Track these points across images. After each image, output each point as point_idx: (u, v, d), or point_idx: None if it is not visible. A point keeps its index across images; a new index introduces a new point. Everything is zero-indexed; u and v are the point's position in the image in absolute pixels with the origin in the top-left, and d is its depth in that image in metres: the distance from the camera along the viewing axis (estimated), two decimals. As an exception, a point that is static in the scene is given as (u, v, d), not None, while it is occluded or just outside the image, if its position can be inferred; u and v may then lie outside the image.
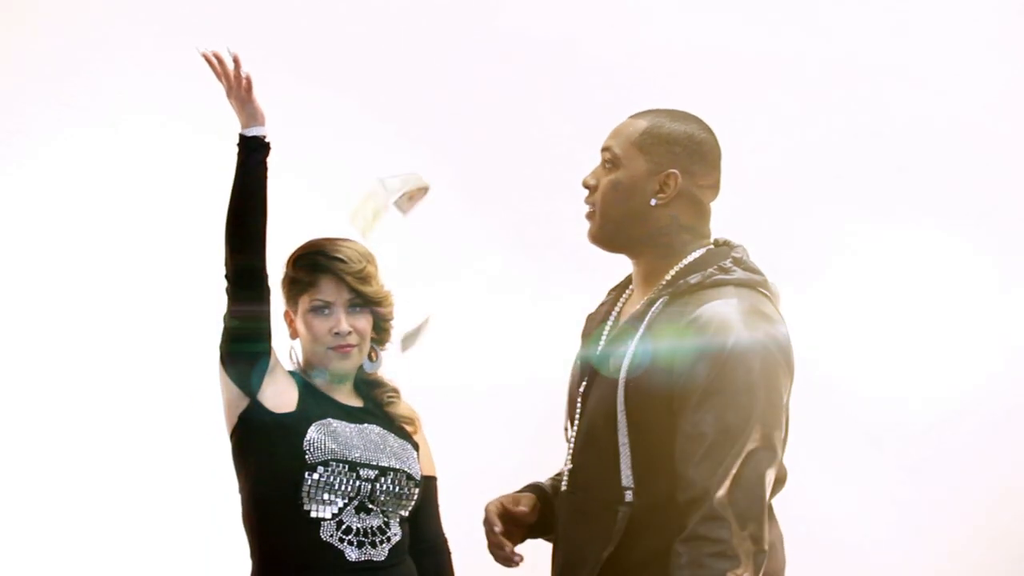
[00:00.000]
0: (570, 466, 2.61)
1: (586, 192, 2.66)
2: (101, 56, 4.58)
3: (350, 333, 2.83)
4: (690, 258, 2.59)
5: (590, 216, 2.65)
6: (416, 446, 2.91)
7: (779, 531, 2.58)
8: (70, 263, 4.52)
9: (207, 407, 2.99)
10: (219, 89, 4.56)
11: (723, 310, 2.46)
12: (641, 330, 2.53)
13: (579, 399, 2.63)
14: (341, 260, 2.84)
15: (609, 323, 2.68)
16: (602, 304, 2.78)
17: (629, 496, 2.49)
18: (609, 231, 2.63)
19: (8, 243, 4.53)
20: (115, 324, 4.49)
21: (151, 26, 4.60)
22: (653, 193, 2.59)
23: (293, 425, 2.74)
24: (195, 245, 4.49)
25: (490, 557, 2.77)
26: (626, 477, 2.49)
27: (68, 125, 4.57)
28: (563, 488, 2.63)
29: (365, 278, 2.85)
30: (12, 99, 4.57)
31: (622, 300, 2.72)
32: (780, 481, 2.54)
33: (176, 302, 4.48)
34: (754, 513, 2.39)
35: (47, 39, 4.59)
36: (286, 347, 2.93)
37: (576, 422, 2.63)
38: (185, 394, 4.31)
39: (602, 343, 2.64)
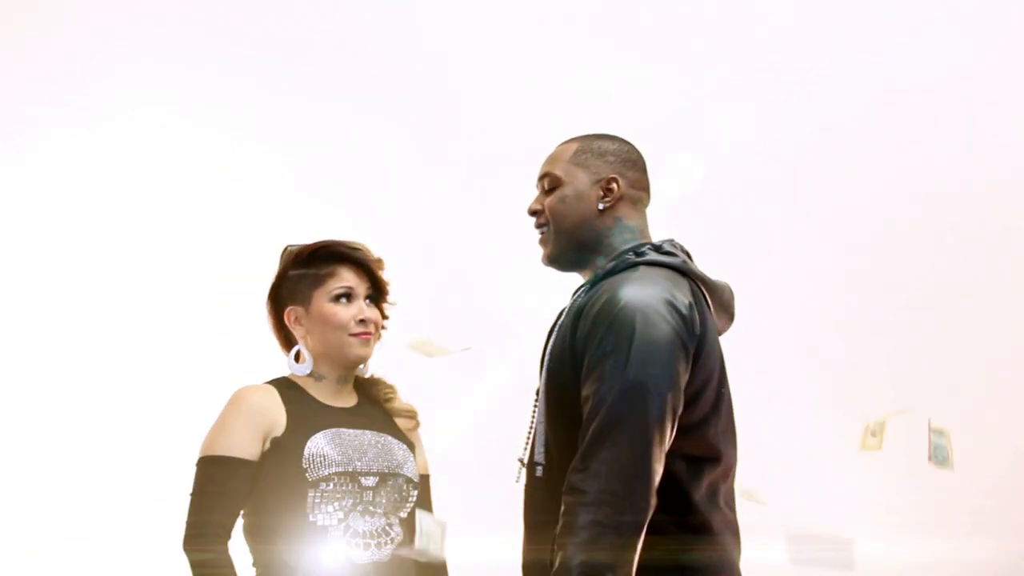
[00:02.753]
0: (521, 456, 2.78)
1: (531, 222, 2.83)
2: (101, 56, 4.58)
3: (372, 321, 2.88)
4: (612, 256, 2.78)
5: (544, 240, 2.82)
6: (412, 445, 2.94)
7: (725, 518, 2.65)
8: (69, 262, 4.51)
9: (207, 409, 2.95)
10: (221, 86, 4.59)
11: (618, 286, 2.61)
12: (562, 318, 2.74)
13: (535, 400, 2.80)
14: (360, 250, 2.89)
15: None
16: (549, 330, 2.97)
17: (539, 471, 2.65)
18: (563, 244, 2.80)
19: (6, 241, 4.53)
20: (114, 325, 4.49)
21: (150, 25, 4.60)
22: (598, 199, 2.79)
23: (285, 453, 2.75)
24: (195, 244, 4.51)
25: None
26: (539, 454, 2.67)
27: (67, 125, 4.56)
28: (516, 481, 2.79)
29: (381, 269, 2.92)
30: (10, 98, 4.56)
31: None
32: (714, 461, 2.63)
33: (176, 301, 4.48)
34: (617, 475, 2.45)
35: (45, 38, 4.58)
36: (281, 358, 2.93)
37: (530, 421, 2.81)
38: (186, 395, 4.31)
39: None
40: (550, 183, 2.82)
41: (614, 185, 2.80)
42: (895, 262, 4.57)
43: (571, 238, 2.79)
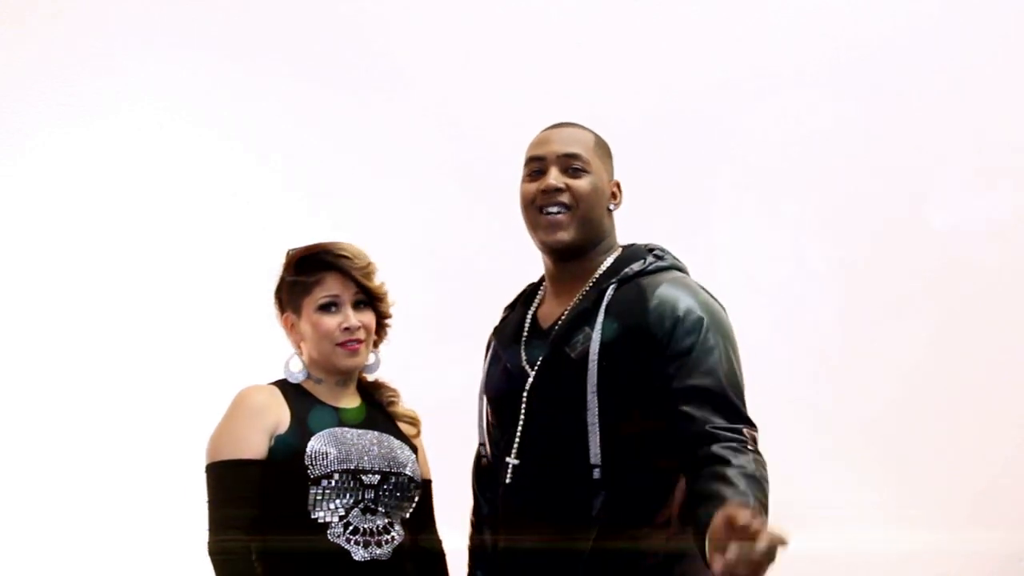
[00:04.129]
0: (516, 462, 2.73)
1: (540, 197, 2.76)
2: (99, 55, 4.58)
3: (359, 328, 2.86)
4: (616, 254, 2.81)
5: (562, 223, 2.75)
6: (415, 448, 2.95)
7: None
8: (67, 261, 4.51)
9: (204, 407, 3.00)
10: (221, 85, 4.59)
11: (678, 291, 2.66)
12: (601, 315, 2.67)
13: (523, 399, 2.74)
14: (347, 257, 2.87)
15: (526, 330, 2.83)
16: (505, 319, 2.95)
17: (597, 473, 2.60)
18: (584, 232, 2.76)
19: (3, 241, 4.53)
20: (113, 323, 4.49)
21: (147, 24, 4.61)
22: (609, 199, 2.81)
23: (288, 449, 2.76)
24: (193, 244, 4.52)
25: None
26: (594, 455, 2.60)
27: (66, 124, 4.55)
28: (507, 482, 2.74)
29: (369, 274, 2.90)
30: (8, 97, 4.56)
31: (532, 308, 2.87)
32: None
33: (176, 300, 4.49)
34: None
35: (43, 37, 4.59)
36: (281, 359, 2.93)
37: (521, 420, 2.74)
38: (182, 394, 4.32)
39: (539, 342, 2.77)
40: (581, 165, 2.76)
41: (616, 190, 2.83)
42: (894, 257, 4.58)
43: (590, 229, 2.76)
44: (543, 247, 2.80)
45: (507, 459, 2.74)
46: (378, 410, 2.95)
